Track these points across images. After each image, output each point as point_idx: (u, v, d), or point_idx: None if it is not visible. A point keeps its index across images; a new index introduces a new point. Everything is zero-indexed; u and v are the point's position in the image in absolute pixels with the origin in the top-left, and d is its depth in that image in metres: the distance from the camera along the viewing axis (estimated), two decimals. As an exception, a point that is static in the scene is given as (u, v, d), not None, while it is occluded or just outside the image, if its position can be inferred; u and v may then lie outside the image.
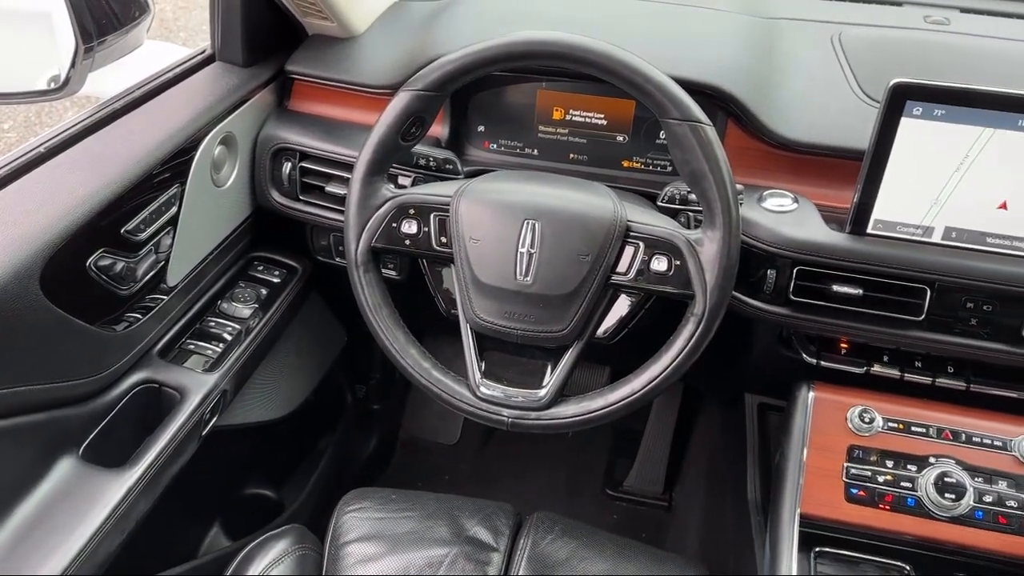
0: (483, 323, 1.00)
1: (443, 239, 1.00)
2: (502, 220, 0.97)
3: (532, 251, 0.96)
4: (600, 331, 1.03)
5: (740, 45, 1.21)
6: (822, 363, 1.15)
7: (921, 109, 0.94)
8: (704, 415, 1.85)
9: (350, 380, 1.82)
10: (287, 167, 1.27)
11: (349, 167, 1.02)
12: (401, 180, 1.16)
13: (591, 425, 1.00)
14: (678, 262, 0.95)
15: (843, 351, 1.16)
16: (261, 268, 1.37)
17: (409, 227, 1.01)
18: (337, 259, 1.37)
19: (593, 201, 0.98)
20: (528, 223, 0.96)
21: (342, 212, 1.04)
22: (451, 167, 1.14)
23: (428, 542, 1.13)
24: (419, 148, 1.10)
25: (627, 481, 1.89)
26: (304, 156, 1.26)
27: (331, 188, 1.24)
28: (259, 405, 1.42)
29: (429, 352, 1.05)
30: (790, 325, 1.14)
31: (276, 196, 1.30)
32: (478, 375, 1.01)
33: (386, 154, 1.00)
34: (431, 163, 1.12)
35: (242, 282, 1.34)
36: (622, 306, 1.04)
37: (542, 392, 1.00)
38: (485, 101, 1.24)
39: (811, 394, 1.11)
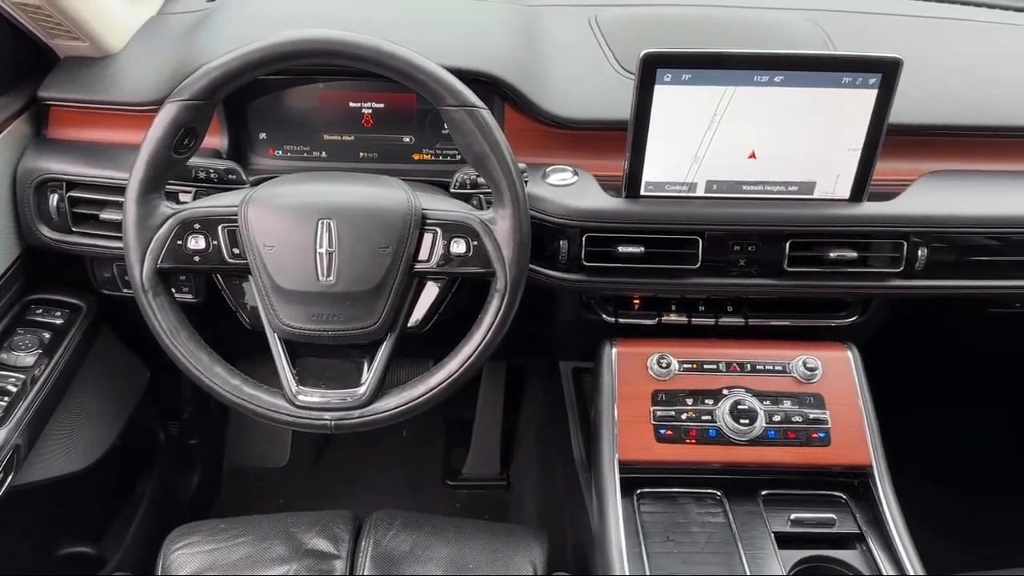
0: (291, 329, 0.98)
1: (235, 251, 0.98)
2: (296, 223, 0.96)
3: (331, 250, 0.96)
4: (412, 321, 1.05)
5: (506, 33, 1.27)
6: (620, 320, 1.24)
7: (670, 75, 1.03)
8: (528, 390, 1.92)
9: (160, 417, 1.72)
10: (54, 199, 1.18)
11: (122, 191, 0.97)
12: (183, 197, 1.11)
13: (415, 412, 1.02)
14: (475, 243, 0.99)
15: (636, 306, 1.25)
16: (40, 311, 1.27)
17: (196, 243, 0.97)
18: (124, 290, 1.29)
19: (386, 194, 0.99)
20: (323, 223, 0.96)
21: (121, 239, 0.98)
22: (234, 177, 1.10)
23: (266, 563, 1.10)
24: (196, 161, 1.06)
25: (465, 468, 1.92)
26: (71, 185, 1.17)
27: (106, 215, 1.16)
28: (61, 457, 1.32)
29: (245, 374, 1.02)
30: (587, 290, 1.21)
31: (46, 232, 1.20)
32: (293, 383, 1.00)
33: (159, 170, 0.96)
34: (212, 175, 1.08)
35: (20, 328, 1.23)
36: (431, 293, 1.06)
37: (362, 389, 1.00)
38: (264, 107, 1.22)
39: (614, 350, 1.19)
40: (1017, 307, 1.35)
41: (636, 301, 1.25)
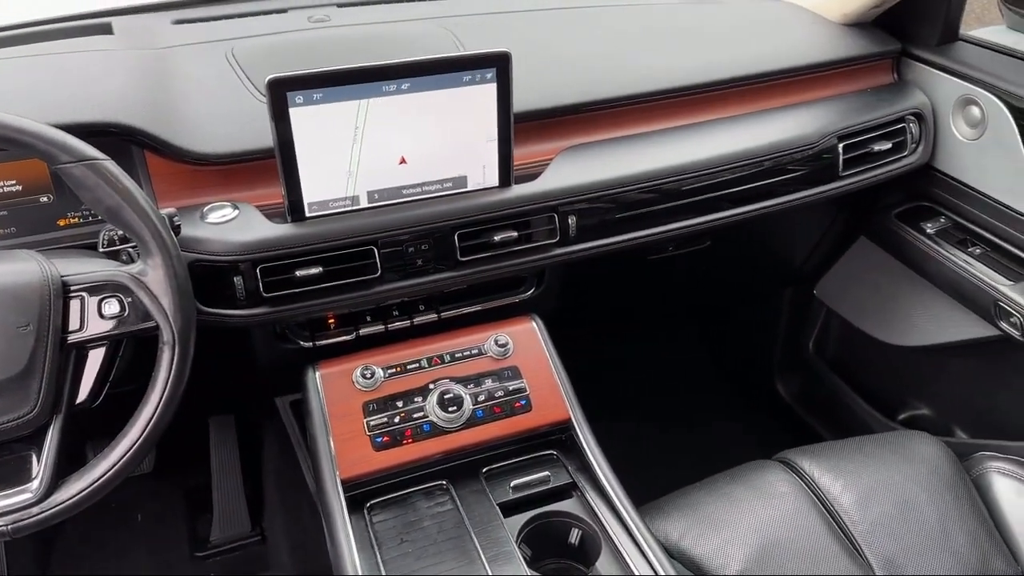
0: (-70, 441, 0.87)
1: None
2: None
3: None
4: (81, 397, 0.97)
5: (135, 79, 1.22)
6: (318, 343, 1.24)
7: (302, 97, 1.05)
8: (264, 436, 1.86)
9: None
10: None
11: None
12: None
13: (104, 492, 0.95)
14: (129, 299, 0.94)
15: (332, 325, 1.26)
16: None
17: None
18: None
19: (14, 268, 0.92)
20: None
21: None
22: None
23: None
24: None
25: (213, 535, 1.82)
26: None
27: None
28: None
29: None
30: (276, 320, 1.20)
31: None
32: (-51, 497, 0.89)
33: None
34: None
35: None
36: (96, 363, 0.99)
37: (35, 484, 0.92)
38: None
39: (317, 373, 1.19)
40: (671, 250, 1.54)
41: (331, 320, 1.26)
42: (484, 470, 1.18)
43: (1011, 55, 1.47)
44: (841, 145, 1.43)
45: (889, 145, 1.49)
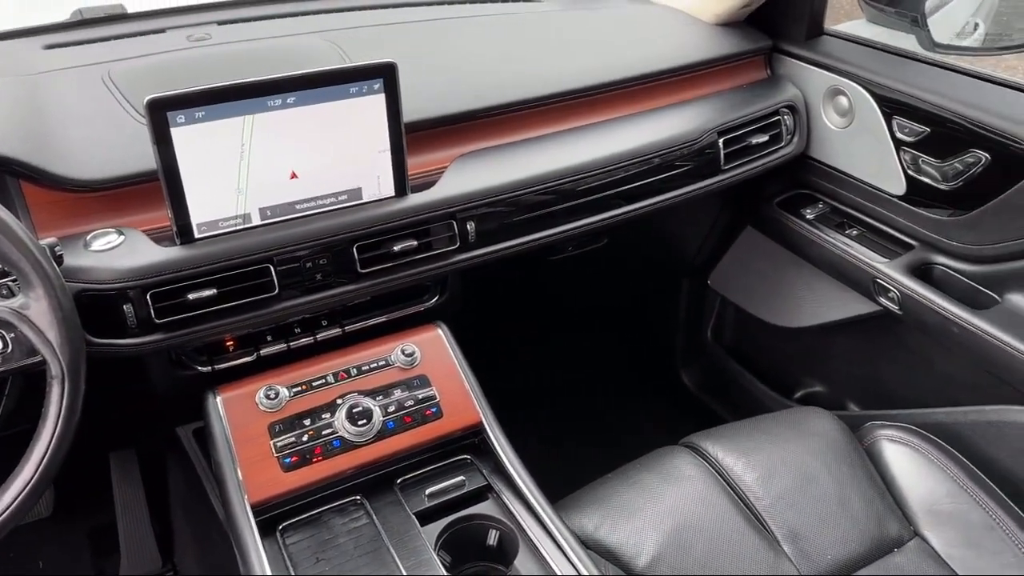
0: None
1: None
2: None
3: None
4: (-36, 440, 0.93)
5: (4, 106, 1.17)
6: (217, 367, 1.21)
7: (183, 116, 1.03)
8: (170, 469, 1.79)
9: None
10: None
11: None
12: None
13: None
14: (12, 335, 0.90)
15: (231, 348, 1.23)
16: None
17: None
18: None
19: None
20: None
21: None
22: None
23: None
24: None
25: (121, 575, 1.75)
26: None
27: None
28: None
29: None
30: (172, 347, 1.16)
31: None
32: None
33: None
34: None
35: None
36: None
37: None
38: None
39: (218, 398, 1.16)
40: (570, 250, 1.57)
41: (230, 343, 1.23)
42: (398, 481, 1.18)
43: (872, 47, 1.57)
44: (721, 140, 1.49)
45: (766, 137, 1.57)
